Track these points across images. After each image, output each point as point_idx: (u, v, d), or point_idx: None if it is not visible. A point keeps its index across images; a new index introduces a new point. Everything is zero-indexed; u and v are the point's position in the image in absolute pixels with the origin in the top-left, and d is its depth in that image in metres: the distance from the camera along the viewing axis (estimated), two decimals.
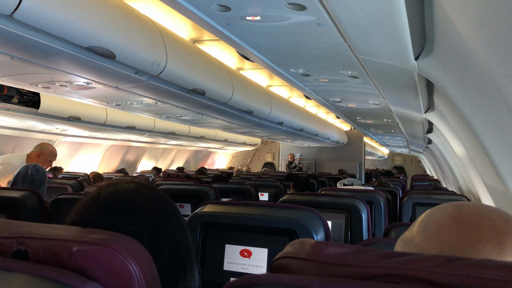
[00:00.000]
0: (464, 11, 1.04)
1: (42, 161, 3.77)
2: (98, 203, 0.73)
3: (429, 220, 0.60)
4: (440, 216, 0.59)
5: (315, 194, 2.69)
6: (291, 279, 0.47)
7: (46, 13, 1.90)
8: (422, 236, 0.59)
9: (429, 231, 0.58)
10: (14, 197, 2.23)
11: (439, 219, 0.59)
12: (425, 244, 0.57)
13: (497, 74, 1.02)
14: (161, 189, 0.83)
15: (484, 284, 0.42)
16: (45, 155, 3.78)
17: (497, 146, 1.67)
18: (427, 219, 0.61)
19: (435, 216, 0.60)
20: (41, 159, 3.76)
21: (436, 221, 0.59)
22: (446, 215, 0.59)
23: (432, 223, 0.59)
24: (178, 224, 0.77)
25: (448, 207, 0.61)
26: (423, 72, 2.22)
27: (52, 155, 3.84)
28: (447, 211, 0.60)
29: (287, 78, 3.35)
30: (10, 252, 0.57)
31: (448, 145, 4.65)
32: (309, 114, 7.08)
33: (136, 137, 7.49)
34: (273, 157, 14.66)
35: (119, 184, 0.78)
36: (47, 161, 3.81)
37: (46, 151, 3.79)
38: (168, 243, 0.73)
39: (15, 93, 4.17)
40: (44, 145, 3.86)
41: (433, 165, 10.85)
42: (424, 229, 0.59)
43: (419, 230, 0.60)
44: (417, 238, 0.59)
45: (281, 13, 1.85)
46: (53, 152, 3.86)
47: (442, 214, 0.60)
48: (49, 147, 3.86)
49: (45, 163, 3.79)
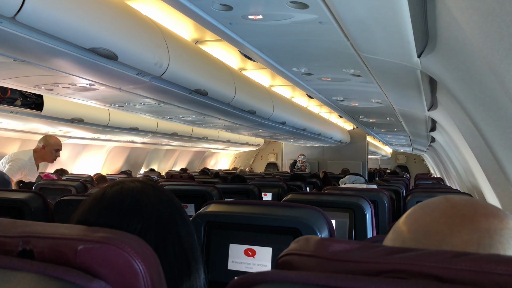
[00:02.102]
0: (467, 7, 1.04)
1: (48, 153, 3.85)
2: (103, 202, 0.73)
3: (414, 210, 0.60)
4: (426, 210, 0.59)
5: (319, 193, 2.69)
6: (297, 275, 0.47)
7: (49, 15, 1.91)
8: (407, 224, 0.59)
9: (413, 217, 0.58)
10: (19, 199, 2.24)
11: (421, 206, 0.59)
12: (407, 232, 0.57)
13: (501, 70, 1.01)
14: (167, 189, 0.83)
15: (491, 278, 0.42)
16: (50, 145, 3.86)
17: (502, 143, 1.66)
18: (413, 210, 0.61)
19: (421, 210, 0.60)
20: (47, 150, 3.84)
21: (426, 214, 0.59)
22: (428, 211, 0.59)
23: (415, 211, 0.59)
24: (183, 224, 0.77)
25: (425, 203, 0.61)
26: (426, 70, 2.22)
27: (56, 145, 3.91)
28: (426, 207, 0.60)
29: (289, 78, 3.34)
30: (16, 251, 0.57)
31: (451, 143, 4.64)
32: (312, 113, 7.08)
33: (139, 138, 7.51)
34: (276, 157, 14.66)
35: (124, 183, 0.78)
36: (53, 151, 3.88)
37: (50, 142, 3.87)
38: (173, 243, 0.73)
39: (18, 95, 4.19)
40: (47, 137, 3.93)
41: (436, 164, 10.83)
42: (409, 218, 0.59)
43: (405, 220, 0.60)
44: (403, 228, 0.59)
45: (283, 12, 1.86)
46: (57, 142, 3.93)
47: (423, 210, 0.60)
48: (52, 138, 3.94)
49: (51, 154, 3.87)
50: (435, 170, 12.89)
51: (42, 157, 3.90)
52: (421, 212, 0.58)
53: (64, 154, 7.26)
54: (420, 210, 0.59)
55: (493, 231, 0.52)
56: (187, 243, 0.76)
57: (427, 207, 0.59)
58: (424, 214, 0.57)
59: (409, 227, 0.58)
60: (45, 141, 3.87)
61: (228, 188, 3.34)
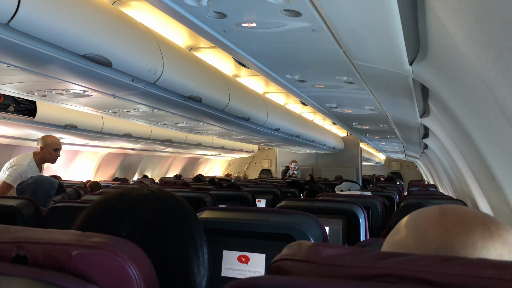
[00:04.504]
0: (457, 16, 1.06)
1: (47, 153, 3.83)
2: (100, 206, 0.74)
3: (416, 220, 0.60)
4: (426, 214, 0.60)
5: (312, 199, 2.70)
6: (290, 280, 0.47)
7: (43, 21, 1.91)
8: (412, 236, 0.58)
9: (420, 230, 0.58)
10: (10, 205, 2.23)
11: (426, 217, 0.59)
12: (415, 243, 0.57)
13: (489, 78, 1.03)
14: (182, 203, 0.80)
15: (481, 282, 0.43)
16: (48, 146, 3.84)
17: (492, 149, 1.68)
18: (414, 220, 0.60)
19: (420, 216, 0.60)
20: (46, 151, 3.82)
21: (424, 219, 0.59)
22: (432, 213, 0.59)
23: (420, 221, 0.59)
24: (173, 240, 0.73)
25: (431, 208, 0.61)
26: (418, 77, 2.24)
27: (54, 144, 3.89)
28: (431, 209, 0.60)
29: (283, 84, 3.36)
30: (10, 257, 0.57)
31: (444, 150, 4.67)
32: (306, 120, 7.10)
33: (133, 145, 7.48)
34: (270, 163, 14.66)
35: (130, 189, 0.77)
36: (52, 151, 3.86)
37: (48, 142, 3.86)
38: (155, 255, 0.66)
39: (11, 101, 4.18)
40: (44, 137, 3.92)
41: (429, 170, 10.88)
42: (414, 229, 0.59)
43: (408, 231, 0.60)
44: (409, 240, 0.58)
45: (276, 20, 1.87)
46: (55, 141, 3.92)
47: (427, 212, 0.60)
48: (49, 138, 3.93)
49: (51, 154, 3.85)
50: (428, 177, 12.95)
51: (42, 158, 3.88)
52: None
53: (57, 160, 7.21)
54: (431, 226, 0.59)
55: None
56: (173, 259, 0.72)
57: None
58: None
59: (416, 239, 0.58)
60: (43, 141, 3.86)
61: (222, 194, 3.33)
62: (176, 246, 0.74)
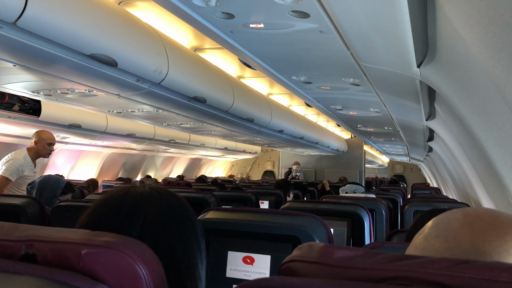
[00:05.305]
0: (468, 18, 1.05)
1: (41, 147, 3.85)
2: (106, 205, 0.73)
3: (447, 222, 0.58)
4: (458, 216, 0.58)
5: (317, 201, 2.69)
6: (301, 282, 0.47)
7: (49, 21, 1.91)
8: (442, 238, 0.57)
9: (450, 231, 0.57)
10: (15, 204, 2.23)
11: (458, 218, 0.58)
12: (445, 245, 0.56)
13: (501, 80, 1.02)
14: (183, 200, 0.80)
15: (494, 286, 0.42)
16: (42, 140, 3.87)
17: (500, 153, 1.67)
18: (444, 221, 0.59)
19: (452, 217, 0.59)
20: (40, 145, 3.85)
21: (456, 220, 0.57)
22: (464, 214, 0.58)
23: (451, 222, 0.58)
24: (180, 237, 0.74)
25: (463, 209, 0.60)
26: (425, 79, 2.23)
27: (48, 139, 3.92)
28: (464, 211, 0.59)
29: (288, 86, 3.36)
30: (18, 255, 0.57)
31: (449, 153, 4.65)
32: (309, 122, 7.10)
33: (136, 145, 7.49)
34: (273, 165, 14.65)
35: (132, 187, 0.77)
36: (46, 146, 3.88)
37: (42, 137, 3.89)
38: (163, 253, 0.68)
39: (16, 100, 4.20)
40: (39, 132, 3.95)
41: (433, 173, 10.84)
42: (445, 230, 0.57)
43: (438, 232, 0.58)
44: (438, 242, 0.57)
45: (284, 21, 1.87)
46: (49, 136, 3.95)
47: (459, 214, 0.58)
48: (43, 132, 3.96)
49: (45, 149, 3.87)
50: (431, 180, 12.90)
51: (37, 152, 3.91)
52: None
53: (60, 160, 7.24)
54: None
55: None
56: (181, 258, 0.73)
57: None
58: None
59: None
60: (37, 136, 3.89)
61: (225, 195, 3.33)
62: (183, 243, 0.75)
